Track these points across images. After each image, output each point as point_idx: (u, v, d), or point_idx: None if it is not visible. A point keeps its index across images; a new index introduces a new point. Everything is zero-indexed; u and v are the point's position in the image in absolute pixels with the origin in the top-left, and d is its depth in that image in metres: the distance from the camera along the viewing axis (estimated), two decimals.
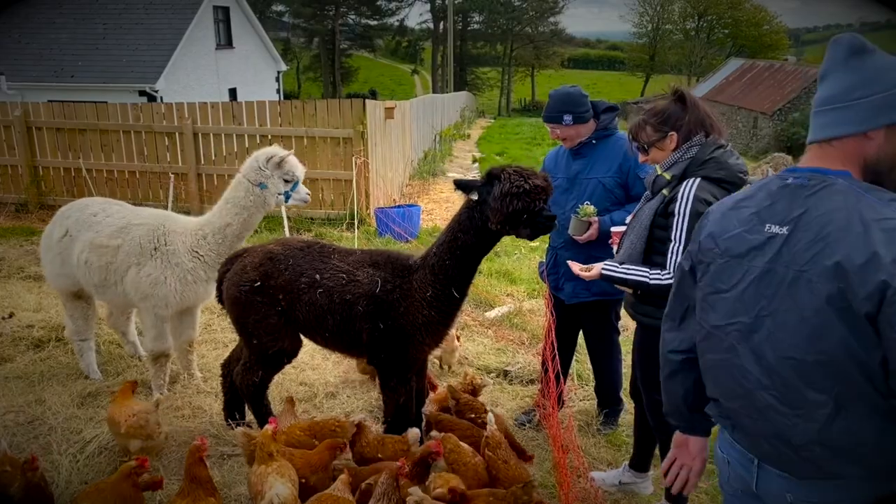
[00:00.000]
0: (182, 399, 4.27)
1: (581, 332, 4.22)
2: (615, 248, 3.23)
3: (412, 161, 14.43)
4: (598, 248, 3.60)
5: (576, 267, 3.09)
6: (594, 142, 3.80)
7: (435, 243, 3.34)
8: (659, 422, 3.25)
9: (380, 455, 3.23)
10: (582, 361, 4.81)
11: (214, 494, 2.85)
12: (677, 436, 2.11)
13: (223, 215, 4.19)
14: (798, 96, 34.81)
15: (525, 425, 4.20)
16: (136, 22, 20.23)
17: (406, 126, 13.74)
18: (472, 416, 3.68)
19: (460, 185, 3.22)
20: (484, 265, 7.64)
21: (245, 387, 3.65)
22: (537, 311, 6.24)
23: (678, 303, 1.99)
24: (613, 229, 3.33)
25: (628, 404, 4.27)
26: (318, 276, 3.36)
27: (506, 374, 4.91)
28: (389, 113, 11.11)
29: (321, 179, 9.73)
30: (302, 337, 3.63)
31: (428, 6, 56.50)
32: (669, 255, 2.82)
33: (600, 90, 63.92)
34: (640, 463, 3.62)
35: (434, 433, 3.47)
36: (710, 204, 2.74)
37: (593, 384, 4.58)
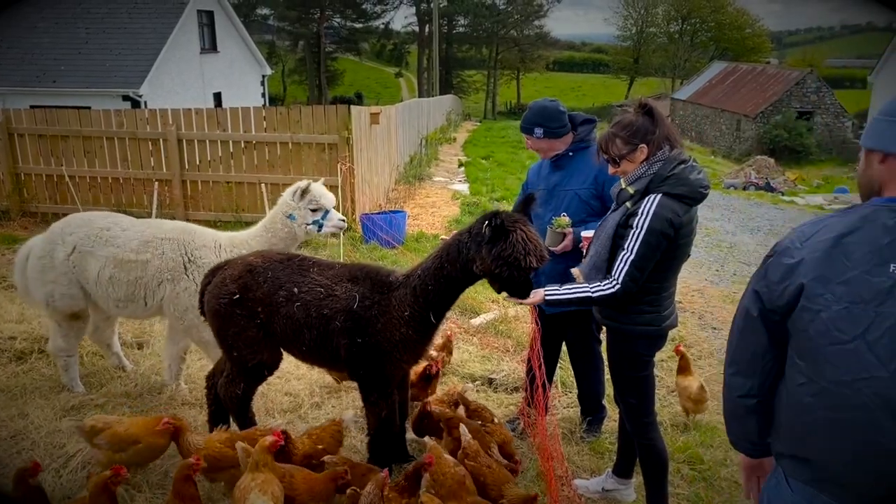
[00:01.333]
0: (167, 410, 4.25)
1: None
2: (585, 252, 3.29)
3: (398, 166, 14.44)
4: (574, 259, 3.62)
5: (528, 300, 3.08)
6: (571, 154, 3.85)
7: (421, 265, 3.31)
8: (636, 425, 3.30)
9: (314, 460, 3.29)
10: (566, 369, 4.84)
11: None
12: (749, 461, 2.06)
13: (260, 241, 4.28)
14: (780, 99, 35.20)
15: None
16: (119, 26, 20.10)
17: (392, 131, 13.74)
18: (479, 423, 3.71)
19: (487, 219, 2.98)
20: None
21: (228, 399, 3.64)
22: (522, 318, 6.27)
23: (745, 347, 1.89)
24: (584, 233, 3.39)
25: (611, 411, 4.32)
26: (296, 290, 3.36)
27: (490, 381, 4.93)
28: (375, 118, 11.12)
29: None
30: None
31: (413, 9, 56.59)
32: (617, 263, 2.91)
33: (585, 93, 64.33)
34: (623, 470, 3.66)
35: (427, 439, 3.45)
36: (670, 222, 2.82)
37: (577, 392, 4.62)
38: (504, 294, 3.13)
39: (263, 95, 27.23)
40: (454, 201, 12.95)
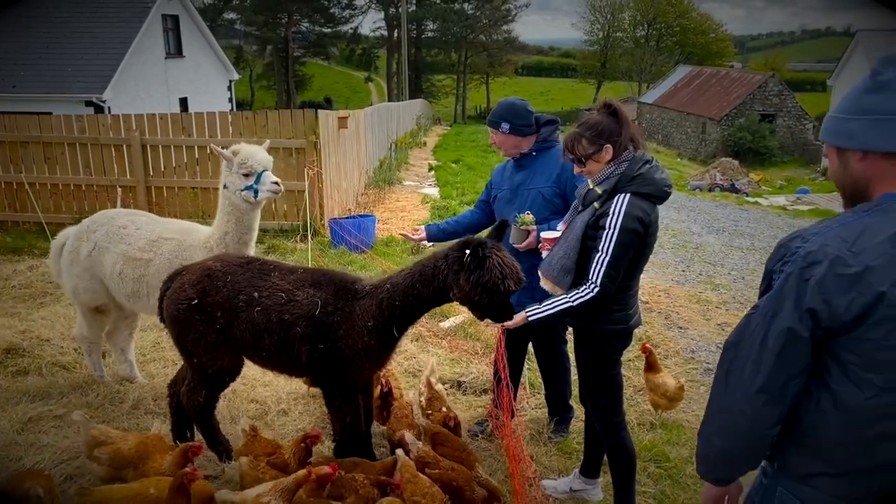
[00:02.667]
0: (130, 420, 4.18)
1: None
2: (545, 253, 3.26)
3: (367, 170, 14.39)
4: (539, 257, 3.64)
5: (496, 326, 3.13)
6: (534, 154, 3.90)
7: (390, 280, 3.27)
8: (606, 425, 3.31)
9: None
10: (534, 370, 4.86)
11: None
12: (717, 491, 1.94)
13: (219, 224, 4.24)
14: (744, 102, 35.90)
15: (478, 435, 4.22)
16: (81, 30, 19.73)
17: (360, 135, 13.70)
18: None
19: (460, 244, 3.02)
20: None
21: (191, 407, 3.59)
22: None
23: (782, 372, 1.72)
24: (544, 235, 3.35)
25: (578, 411, 4.34)
26: (256, 294, 3.31)
27: (460, 384, 4.94)
28: (343, 122, 11.08)
29: None
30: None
31: (382, 14, 56.54)
32: (593, 266, 2.91)
33: (554, 97, 64.93)
34: (590, 469, 3.68)
35: (399, 452, 3.33)
36: (640, 220, 2.86)
37: (544, 392, 4.65)
38: (487, 320, 3.12)
39: (231, 100, 26.96)
40: (424, 205, 12.95)
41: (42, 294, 6.57)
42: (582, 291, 2.93)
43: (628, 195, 2.90)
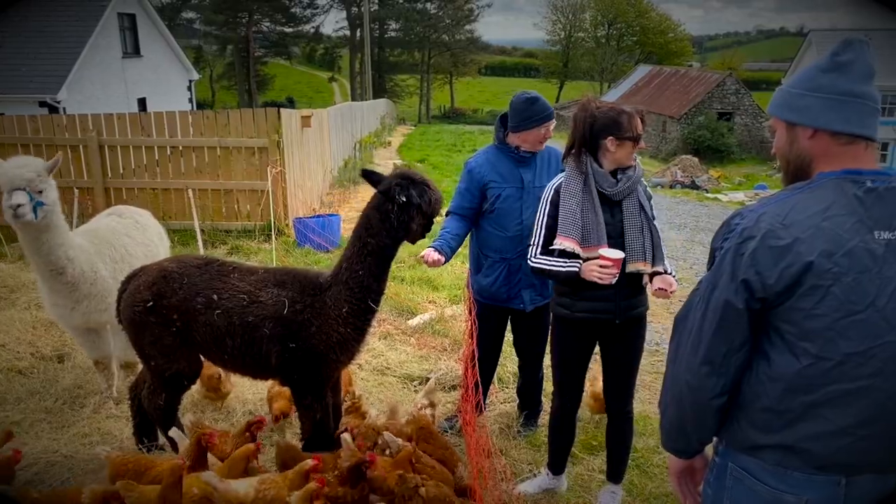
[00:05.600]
0: (90, 425, 4.08)
1: (512, 337, 4.27)
2: (606, 273, 3.00)
3: (331, 170, 14.28)
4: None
5: (664, 293, 3.12)
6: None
7: (343, 258, 3.30)
8: (627, 401, 3.46)
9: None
10: (502, 364, 4.87)
11: None
12: (682, 464, 2.00)
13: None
14: (702, 101, 36.58)
15: (447, 431, 4.21)
16: (35, 29, 19.13)
17: (324, 134, 13.60)
18: None
19: (381, 189, 3.16)
20: (406, 273, 7.66)
21: (153, 410, 3.52)
22: (458, 316, 6.28)
23: (720, 344, 1.76)
24: (609, 254, 3.00)
25: (546, 405, 4.36)
26: (215, 297, 3.25)
27: (428, 381, 4.91)
28: (306, 121, 10.98)
29: (236, 191, 9.52)
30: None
31: (344, 14, 56.21)
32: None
33: None
34: (557, 465, 3.69)
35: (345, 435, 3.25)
36: None
37: (514, 386, 4.66)
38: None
39: (191, 101, 26.49)
40: None
41: None
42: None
43: None
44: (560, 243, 3.11)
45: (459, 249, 4.00)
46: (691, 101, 37.10)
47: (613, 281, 3.00)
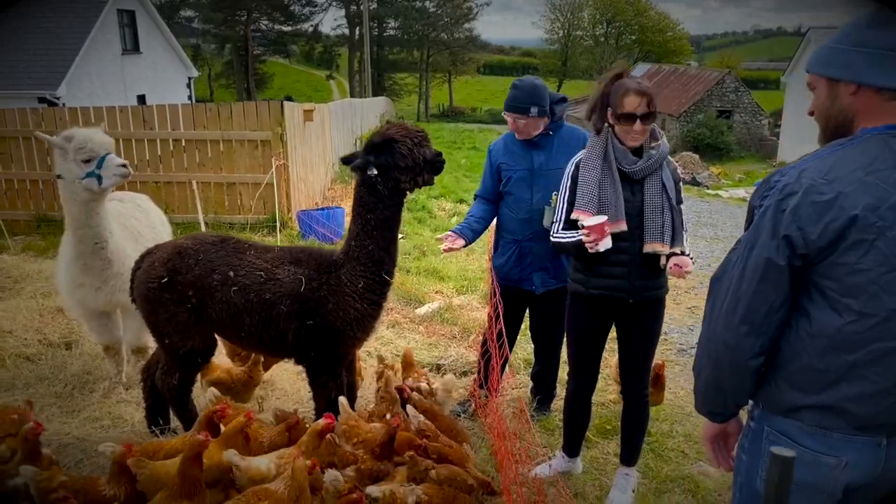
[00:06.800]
0: (101, 409, 4.05)
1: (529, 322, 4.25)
2: (603, 243, 3.02)
3: (333, 165, 14.25)
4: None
5: (679, 269, 3.08)
6: (550, 133, 3.83)
7: (349, 237, 3.28)
8: (643, 385, 3.44)
9: None
10: (514, 352, 4.84)
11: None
12: (716, 429, 1.98)
13: (67, 219, 3.94)
14: (702, 99, 36.54)
15: (461, 416, 4.19)
16: (35, 26, 19.07)
17: (326, 130, 13.56)
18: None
19: (354, 166, 3.17)
20: (412, 264, 7.63)
21: (166, 391, 3.49)
22: (466, 306, 6.28)
23: (761, 303, 1.74)
24: (588, 223, 3.02)
25: (560, 393, 4.34)
26: (231, 273, 3.23)
27: (439, 367, 4.91)
28: (308, 115, 10.94)
29: (239, 184, 9.48)
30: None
31: (342, 12, 56.08)
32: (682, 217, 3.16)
33: None
34: (573, 449, 3.68)
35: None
36: None
37: (526, 373, 4.65)
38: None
39: (190, 98, 26.44)
40: None
41: (0, 289, 6.33)
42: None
43: None
44: (577, 216, 3.10)
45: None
46: (690, 99, 37.07)
47: (601, 247, 2.99)
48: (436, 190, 14.14)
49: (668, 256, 3.13)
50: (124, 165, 3.83)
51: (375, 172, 3.12)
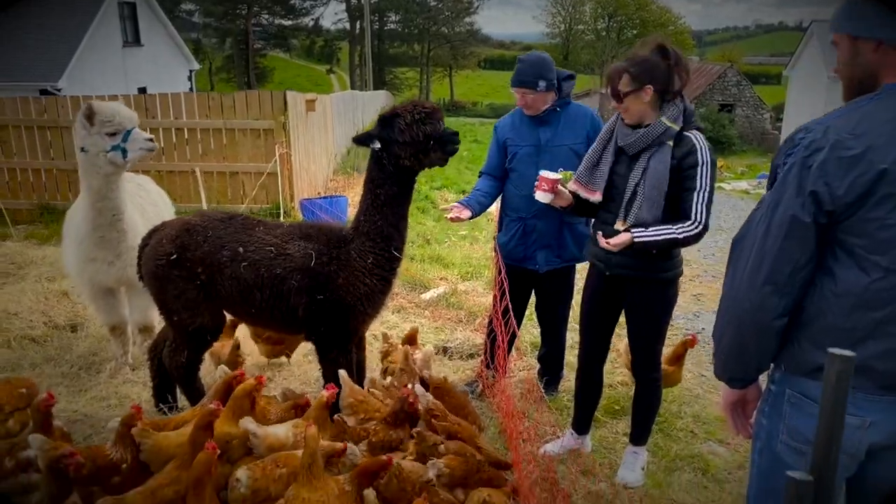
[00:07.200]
0: (108, 389, 4.03)
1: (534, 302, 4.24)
2: (538, 194, 3.26)
3: (335, 155, 14.23)
4: (570, 215, 3.60)
5: (603, 240, 3.04)
6: (557, 109, 3.81)
7: (359, 211, 3.27)
8: (650, 366, 3.38)
9: None
10: (519, 336, 4.83)
11: None
12: (735, 394, 1.96)
13: (83, 196, 3.96)
14: (704, 92, 36.46)
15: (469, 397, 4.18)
16: (36, 18, 19.05)
17: (328, 120, 13.53)
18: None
19: (359, 140, 3.17)
20: (416, 252, 7.61)
21: (174, 369, 3.47)
22: (472, 291, 6.26)
23: (786, 261, 1.71)
24: (542, 174, 3.25)
25: (569, 376, 4.33)
26: (241, 249, 3.21)
27: (445, 350, 4.89)
28: (311, 105, 10.92)
29: (242, 173, 9.46)
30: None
31: (343, 6, 56.03)
32: (695, 205, 2.90)
33: None
34: (581, 426, 3.67)
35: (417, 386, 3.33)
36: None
37: (533, 356, 4.63)
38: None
39: (191, 90, 26.38)
40: None
41: (4, 275, 6.32)
42: (687, 227, 2.92)
43: (697, 132, 2.96)
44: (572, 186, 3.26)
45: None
46: (692, 92, 36.93)
47: (544, 199, 3.23)
48: (438, 181, 14.14)
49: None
50: (151, 139, 3.86)
51: (378, 146, 3.11)
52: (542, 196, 3.24)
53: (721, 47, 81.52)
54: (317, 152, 11.74)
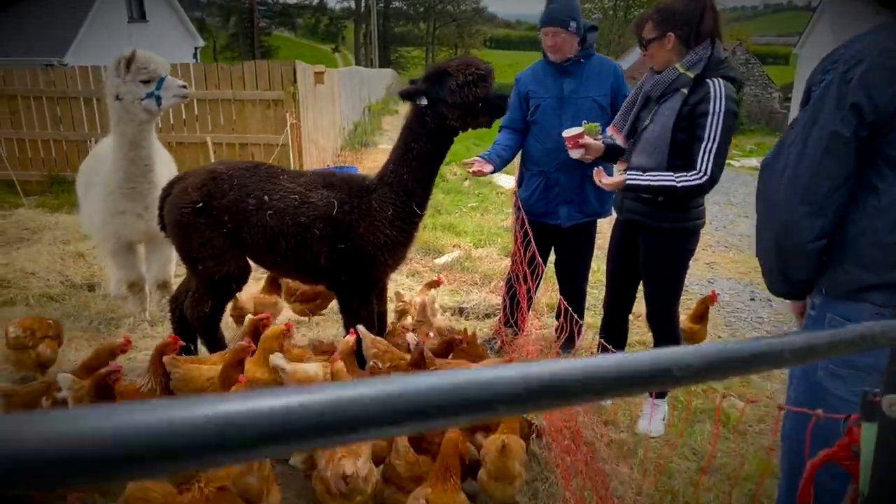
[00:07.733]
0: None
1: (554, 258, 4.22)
2: (574, 153, 3.33)
3: (343, 129, 14.18)
4: (588, 168, 3.54)
5: (597, 177, 3.05)
6: (582, 60, 3.74)
7: (389, 161, 3.24)
8: (665, 319, 3.36)
9: None
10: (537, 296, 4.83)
11: None
12: (799, 304, 1.99)
13: (114, 144, 3.98)
14: None
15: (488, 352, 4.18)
16: None
17: (335, 94, 13.47)
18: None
19: (405, 94, 3.10)
20: (428, 220, 7.58)
21: (196, 319, 3.47)
22: (486, 257, 6.25)
23: (823, 180, 1.66)
24: (566, 133, 3.31)
25: (585, 327, 4.33)
26: (266, 198, 3.20)
27: (461, 311, 4.89)
28: (319, 77, 10.85)
29: (251, 144, 9.41)
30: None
31: None
32: (701, 155, 2.83)
33: (524, 69, 64.72)
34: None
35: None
36: (736, 103, 2.81)
37: (549, 316, 4.63)
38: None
39: None
40: None
41: (18, 240, 6.33)
42: (690, 176, 2.86)
43: (722, 80, 2.84)
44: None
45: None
46: None
47: (577, 155, 3.33)
48: (448, 156, 14.09)
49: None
50: (184, 86, 3.91)
51: (425, 103, 3.03)
52: (574, 153, 3.32)
53: (729, 26, 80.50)
54: (325, 125, 11.69)
